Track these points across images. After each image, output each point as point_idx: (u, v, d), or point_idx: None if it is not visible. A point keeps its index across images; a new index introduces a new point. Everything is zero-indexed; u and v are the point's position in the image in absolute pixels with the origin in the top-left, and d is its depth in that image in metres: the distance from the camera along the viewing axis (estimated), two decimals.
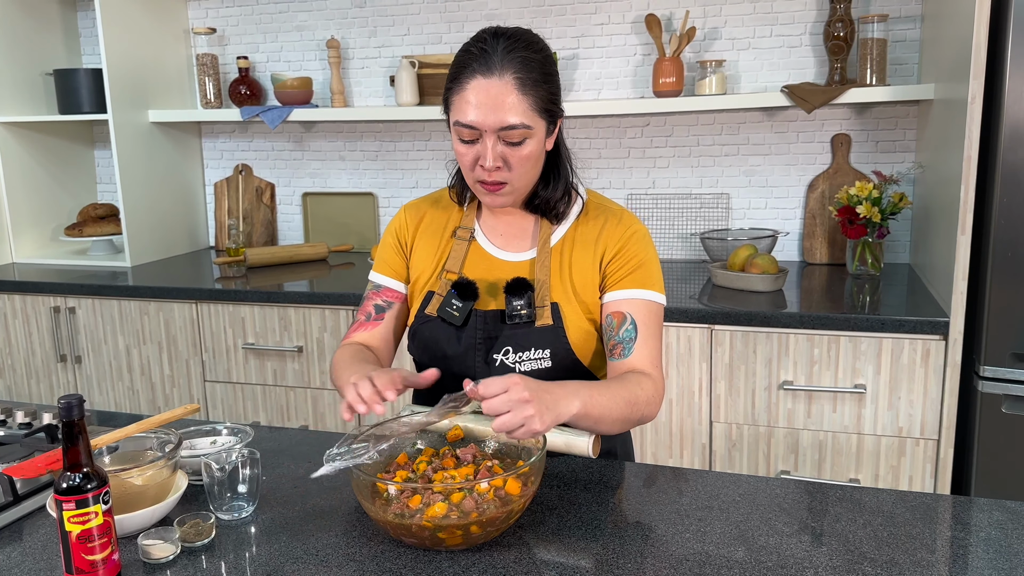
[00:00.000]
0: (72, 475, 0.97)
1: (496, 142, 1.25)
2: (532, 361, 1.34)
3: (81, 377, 2.84)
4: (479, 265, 1.41)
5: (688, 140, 2.82)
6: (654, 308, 1.37)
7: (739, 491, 1.21)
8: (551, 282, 1.37)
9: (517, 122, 1.23)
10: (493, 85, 1.22)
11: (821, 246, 2.73)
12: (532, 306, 1.34)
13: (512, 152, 1.26)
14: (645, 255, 1.38)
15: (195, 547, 1.09)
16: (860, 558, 1.02)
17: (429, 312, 1.39)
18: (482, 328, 1.36)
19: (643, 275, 1.37)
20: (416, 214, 1.47)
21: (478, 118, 1.23)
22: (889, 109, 2.64)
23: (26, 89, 3.12)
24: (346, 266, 2.92)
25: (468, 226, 1.42)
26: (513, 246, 1.41)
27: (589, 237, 1.39)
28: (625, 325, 1.34)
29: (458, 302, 1.36)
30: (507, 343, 1.34)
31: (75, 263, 3.06)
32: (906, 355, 2.09)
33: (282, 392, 2.63)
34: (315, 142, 3.21)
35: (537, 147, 1.28)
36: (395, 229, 1.48)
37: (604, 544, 1.07)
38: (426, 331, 1.40)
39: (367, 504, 1.06)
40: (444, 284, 1.39)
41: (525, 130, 1.24)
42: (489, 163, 1.25)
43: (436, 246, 1.44)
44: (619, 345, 1.34)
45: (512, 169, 1.27)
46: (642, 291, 1.36)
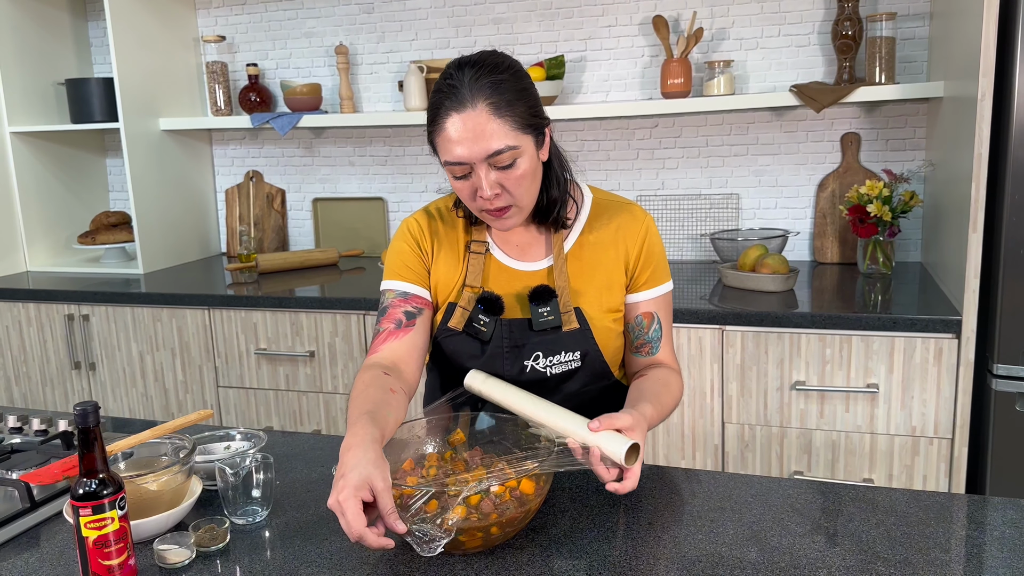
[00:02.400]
0: (88, 481, 0.97)
1: (488, 170, 1.24)
2: (563, 364, 1.38)
3: (95, 384, 2.86)
4: (499, 277, 1.42)
5: (697, 141, 2.82)
6: (670, 297, 1.46)
7: (751, 492, 1.21)
8: (571, 286, 1.39)
9: (502, 146, 1.23)
10: (469, 117, 1.22)
11: (832, 245, 2.72)
12: (558, 312, 1.36)
13: (507, 176, 1.26)
14: (660, 247, 1.44)
15: (210, 552, 1.10)
16: (873, 558, 1.02)
17: (453, 326, 1.39)
18: (508, 337, 1.38)
19: (661, 269, 1.43)
20: (430, 225, 1.45)
21: (463, 152, 1.23)
22: (898, 107, 2.63)
23: (38, 99, 3.15)
24: (357, 271, 2.93)
25: (482, 239, 1.42)
26: (529, 256, 1.42)
27: (606, 237, 1.41)
28: (654, 325, 1.42)
29: (485, 317, 1.37)
30: (536, 349, 1.37)
31: (88, 271, 3.08)
32: (919, 354, 2.08)
33: (294, 397, 2.64)
34: (325, 148, 3.23)
35: (530, 164, 1.28)
36: (413, 236, 1.44)
37: (616, 546, 1.07)
38: (450, 344, 1.41)
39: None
40: (469, 299, 1.40)
41: (512, 151, 1.24)
42: (487, 192, 1.25)
43: (454, 258, 1.43)
44: (647, 344, 1.43)
45: (512, 191, 1.27)
46: (663, 286, 1.44)
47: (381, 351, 1.36)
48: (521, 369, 1.38)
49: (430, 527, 1.00)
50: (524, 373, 1.38)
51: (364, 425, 1.12)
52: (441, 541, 0.99)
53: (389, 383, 1.27)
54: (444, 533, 0.99)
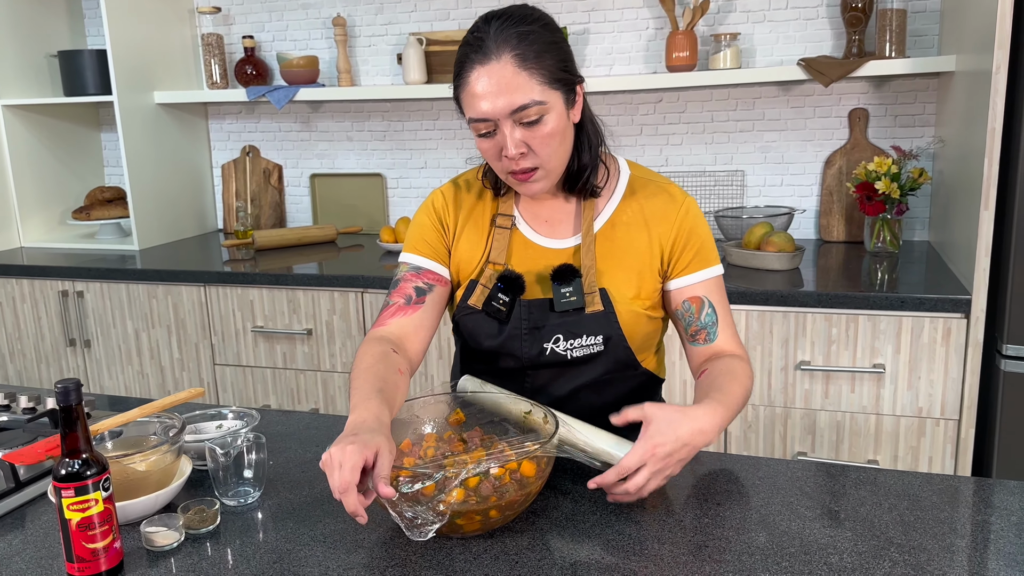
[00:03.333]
0: (71, 461, 0.94)
1: (513, 127, 1.17)
2: (584, 348, 1.31)
3: (91, 361, 2.82)
4: (523, 254, 1.34)
5: (702, 116, 2.76)
6: (721, 282, 1.35)
7: (759, 474, 1.18)
8: (598, 267, 1.31)
9: (527, 101, 1.15)
10: (493, 70, 1.15)
11: (838, 223, 2.67)
12: (581, 293, 1.29)
13: (532, 133, 1.18)
14: (703, 230, 1.34)
15: (199, 534, 1.06)
16: (886, 543, 0.99)
17: (473, 304, 1.33)
18: (527, 318, 1.31)
19: (706, 252, 1.33)
20: (456, 198, 1.39)
21: (487, 108, 1.16)
22: (908, 82, 2.58)
23: (31, 71, 3.09)
24: (355, 248, 2.88)
25: (508, 213, 1.35)
26: (557, 232, 1.35)
27: (640, 217, 1.33)
28: (705, 310, 1.32)
29: (504, 296, 1.31)
30: (557, 331, 1.30)
31: (83, 247, 3.04)
32: (926, 334, 2.04)
33: (292, 375, 2.61)
34: (322, 122, 3.17)
35: (559, 122, 1.20)
36: (436, 211, 1.38)
37: (619, 529, 1.04)
38: (468, 323, 1.35)
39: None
40: (490, 276, 1.32)
41: (539, 107, 1.16)
42: (511, 151, 1.18)
43: (478, 234, 1.36)
44: (702, 331, 1.32)
45: (538, 151, 1.20)
46: (709, 269, 1.33)
47: (388, 325, 1.31)
48: (540, 351, 1.31)
49: (423, 510, 0.96)
50: (543, 355, 1.31)
51: (378, 404, 1.09)
52: (433, 525, 0.95)
53: (397, 363, 1.23)
54: (437, 517, 0.96)
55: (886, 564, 0.95)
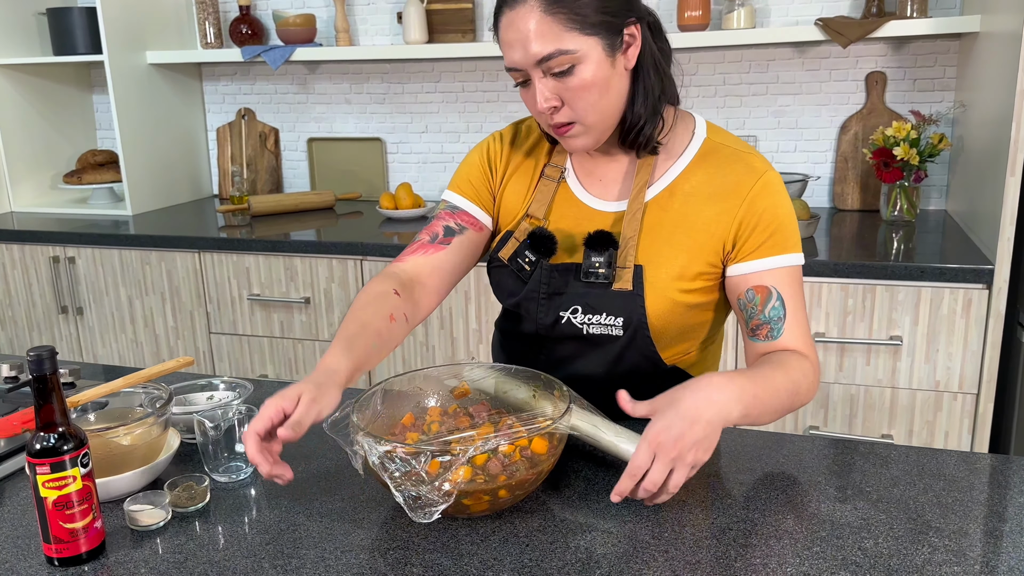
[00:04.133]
0: (46, 436, 0.87)
1: (544, 78, 1.07)
2: (602, 327, 1.17)
3: (83, 329, 2.75)
4: (565, 212, 1.23)
5: (714, 79, 2.66)
6: (797, 274, 1.15)
7: (783, 452, 1.11)
8: (640, 240, 1.16)
9: (552, 50, 1.04)
10: (518, 15, 1.05)
11: (853, 191, 2.59)
12: (612, 265, 1.15)
13: (564, 85, 1.07)
14: (783, 210, 1.15)
15: (188, 512, 1.00)
16: (924, 527, 0.92)
17: (502, 256, 1.24)
18: (546, 282, 1.20)
19: (784, 236, 1.14)
20: (512, 142, 1.29)
21: (517, 57, 1.06)
22: (928, 44, 2.48)
23: (19, 30, 2.98)
24: (354, 215, 2.80)
25: (559, 164, 1.24)
26: (607, 192, 1.21)
27: (707, 187, 1.16)
28: (771, 302, 1.13)
29: (531, 255, 1.20)
30: (577, 301, 1.18)
31: (75, 212, 2.96)
32: (946, 305, 1.97)
33: (289, 345, 2.54)
34: (320, 84, 3.07)
35: (597, 72, 1.06)
36: (488, 152, 1.29)
37: (636, 510, 0.97)
38: (494, 275, 1.27)
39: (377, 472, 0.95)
40: (524, 230, 1.22)
41: (567, 56, 1.04)
42: (541, 104, 1.07)
43: (526, 183, 1.26)
44: (765, 325, 1.14)
45: (571, 105, 1.08)
46: (784, 256, 1.14)
47: (405, 262, 1.24)
48: (556, 320, 1.20)
49: (428, 490, 0.89)
50: (559, 324, 1.20)
51: (339, 353, 1.05)
52: (438, 506, 0.88)
53: (391, 307, 1.15)
54: (443, 497, 0.89)
55: (925, 549, 0.88)
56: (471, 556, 0.89)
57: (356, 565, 0.88)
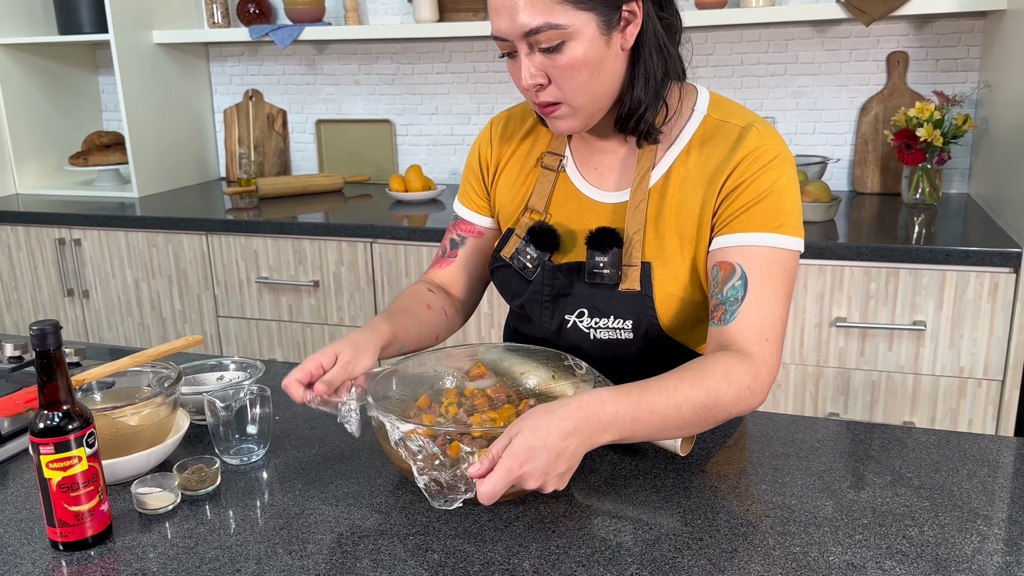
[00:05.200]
0: (50, 414, 0.83)
1: (530, 52, 0.97)
2: (610, 331, 1.08)
3: (89, 312, 2.71)
4: (566, 204, 1.14)
5: (731, 59, 2.61)
6: (780, 259, 0.99)
7: (817, 437, 1.06)
8: (647, 234, 1.07)
9: (541, 23, 0.94)
10: None
11: (873, 174, 2.53)
12: (618, 265, 1.07)
13: (552, 62, 0.97)
14: (774, 183, 1.00)
15: (198, 495, 0.96)
16: (971, 515, 0.88)
17: (503, 255, 1.16)
18: (550, 283, 1.12)
19: (767, 210, 1.00)
20: (504, 130, 1.21)
21: (500, 25, 0.97)
22: (952, 23, 2.41)
23: (23, 8, 2.93)
24: (363, 198, 2.75)
25: (558, 152, 1.15)
26: (606, 182, 1.12)
27: (706, 166, 1.05)
28: (732, 280, 0.99)
29: (532, 251, 1.12)
30: (582, 304, 1.10)
31: (81, 194, 2.92)
32: (972, 289, 1.91)
33: (298, 328, 2.50)
34: (328, 65, 3.02)
35: (588, 51, 0.96)
36: (479, 148, 1.23)
37: (666, 496, 0.93)
38: (498, 276, 1.19)
39: (397, 455, 0.91)
40: (525, 225, 1.14)
41: (556, 31, 0.94)
42: (525, 80, 0.98)
43: (522, 173, 1.18)
44: (720, 307, 1.00)
45: (558, 84, 0.98)
46: (762, 235, 0.99)
47: (430, 276, 1.28)
48: (560, 324, 1.12)
49: (449, 476, 0.85)
50: (564, 329, 1.12)
51: (379, 320, 1.08)
52: (462, 495, 0.84)
53: (427, 299, 1.20)
54: (466, 485, 0.84)
55: (974, 539, 0.84)
56: (495, 542, 0.85)
57: (374, 551, 0.84)
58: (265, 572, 0.82)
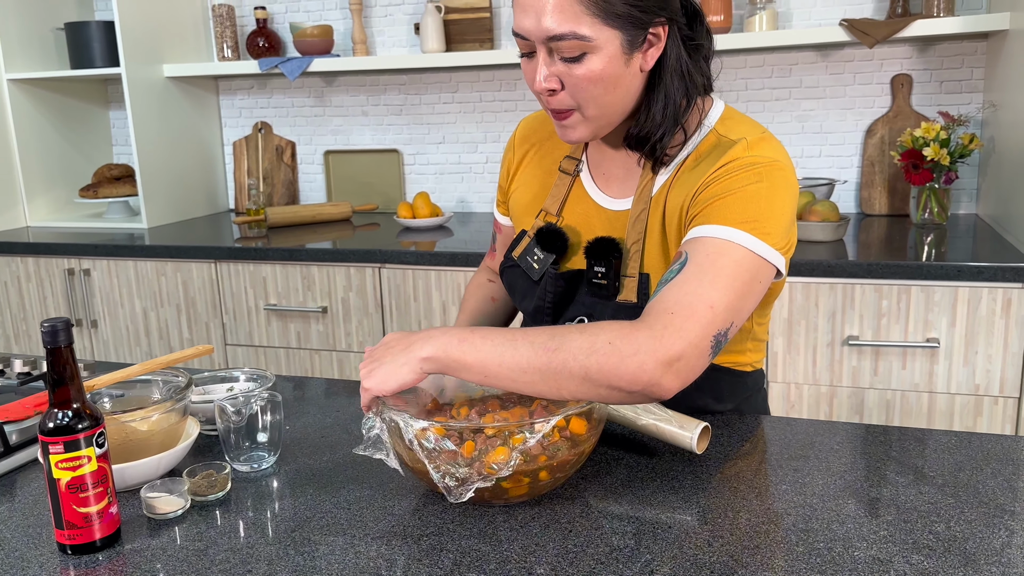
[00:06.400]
0: (59, 413, 0.82)
1: (548, 56, 0.97)
2: None
3: (98, 342, 2.71)
4: (577, 209, 1.14)
5: (736, 84, 2.63)
6: (732, 251, 0.94)
7: (836, 439, 1.05)
8: (650, 245, 1.06)
9: (566, 31, 0.94)
10: None
11: (880, 196, 2.53)
12: (615, 276, 1.06)
13: (569, 70, 0.97)
14: (747, 184, 0.97)
15: (208, 501, 0.94)
16: (998, 511, 0.85)
17: (514, 255, 1.17)
18: (552, 290, 1.12)
19: (733, 206, 0.96)
20: (528, 131, 1.23)
21: (524, 24, 0.96)
22: (954, 46, 2.43)
23: (37, 45, 2.98)
24: (371, 226, 2.76)
25: (576, 156, 1.16)
26: (616, 189, 1.12)
27: (696, 174, 1.03)
28: (673, 265, 0.96)
29: (539, 252, 1.12)
30: (582, 311, 1.10)
31: (90, 226, 2.93)
32: (984, 305, 1.90)
33: (306, 355, 2.49)
34: (336, 97, 3.05)
35: (608, 66, 0.96)
36: (506, 150, 1.27)
37: (685, 497, 0.91)
38: (509, 276, 1.19)
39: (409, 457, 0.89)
40: (536, 227, 1.15)
41: (579, 42, 0.94)
42: (539, 83, 0.98)
43: (541, 175, 1.19)
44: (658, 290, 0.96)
45: (572, 93, 0.99)
46: (722, 227, 0.95)
47: (486, 264, 1.41)
48: None
49: (465, 472, 0.84)
50: None
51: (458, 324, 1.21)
52: (472, 484, 0.83)
53: (490, 292, 1.34)
54: (481, 477, 0.83)
55: (1002, 533, 0.81)
56: (511, 542, 0.83)
57: (387, 552, 0.83)
58: (276, 573, 0.80)
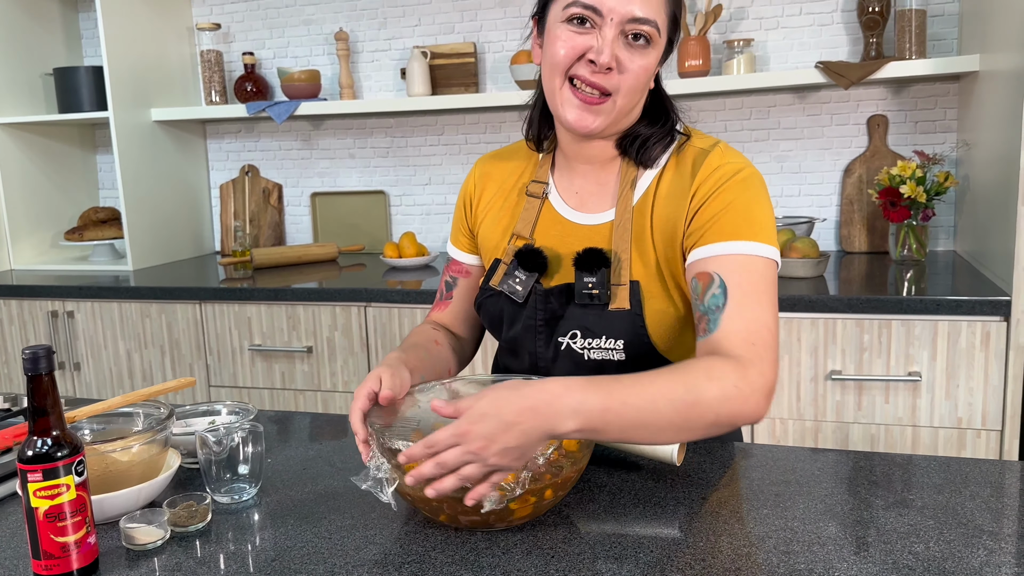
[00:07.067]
0: (39, 440, 0.81)
1: (619, 36, 1.00)
2: (603, 351, 1.09)
3: (80, 384, 2.69)
4: (550, 230, 1.16)
5: (715, 126, 2.68)
6: (756, 265, 0.99)
7: (817, 465, 1.05)
8: (633, 253, 1.09)
9: (653, 17, 0.99)
10: None
11: (860, 234, 2.57)
12: (607, 285, 1.08)
13: (629, 57, 1.00)
14: (742, 196, 1.03)
15: (188, 532, 0.93)
16: (976, 531, 0.86)
17: (493, 284, 1.17)
18: (543, 307, 1.13)
19: (737, 219, 1.01)
20: (485, 167, 1.25)
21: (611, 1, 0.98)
22: (928, 87, 2.50)
23: (26, 90, 3.01)
24: (357, 267, 2.77)
25: (542, 180, 1.17)
26: (589, 205, 1.14)
27: (679, 186, 1.08)
28: (711, 289, 0.99)
29: (521, 274, 1.13)
30: (574, 325, 1.10)
31: (75, 268, 2.93)
32: (964, 339, 1.92)
33: (291, 396, 2.48)
34: (323, 140, 3.09)
35: (653, 64, 1.03)
36: (465, 189, 1.27)
37: (667, 521, 0.91)
38: (489, 306, 1.19)
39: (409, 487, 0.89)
40: (510, 252, 1.16)
41: (653, 30, 0.99)
42: (605, 57, 0.98)
43: (505, 205, 1.21)
44: (704, 318, 0.99)
45: (621, 80, 1.01)
46: (736, 243, 1.00)
47: (432, 318, 1.32)
48: (556, 348, 1.12)
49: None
50: (559, 352, 1.12)
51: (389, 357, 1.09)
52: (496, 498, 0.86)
53: (435, 336, 1.23)
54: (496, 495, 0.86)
55: (981, 553, 0.82)
56: (493, 568, 0.83)
57: None
58: None
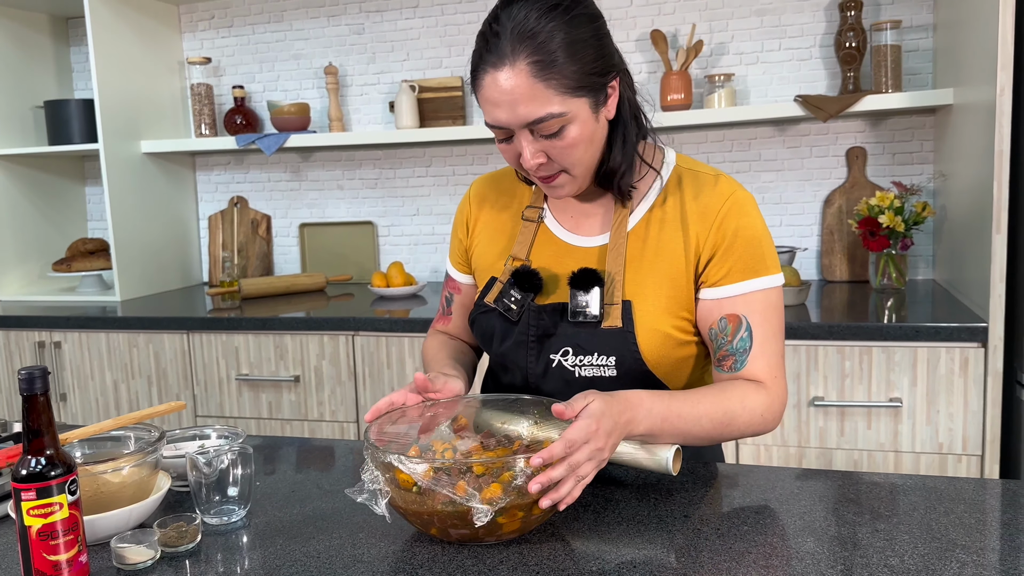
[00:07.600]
0: (33, 460, 0.83)
1: (531, 138, 1.06)
2: (595, 368, 1.14)
3: (66, 415, 2.68)
4: (545, 251, 1.22)
5: (698, 158, 2.73)
6: (772, 298, 1.12)
7: (796, 484, 1.07)
8: (627, 274, 1.15)
9: (543, 114, 1.03)
10: (507, 77, 1.02)
11: (840, 263, 2.62)
12: (601, 303, 1.13)
13: (552, 144, 1.06)
14: (755, 231, 1.12)
15: (178, 552, 0.94)
16: (950, 545, 0.88)
17: (487, 301, 1.22)
18: (535, 324, 1.17)
19: (755, 258, 1.11)
20: (482, 190, 1.31)
21: (503, 117, 1.05)
22: (905, 120, 2.56)
23: (16, 123, 3.04)
24: (345, 297, 2.79)
25: (538, 205, 1.24)
26: (585, 228, 1.21)
27: (678, 213, 1.15)
28: (740, 333, 1.11)
29: (517, 293, 1.18)
30: (566, 343, 1.15)
31: (63, 299, 2.93)
32: (943, 365, 1.96)
33: (278, 425, 2.48)
34: (312, 172, 3.12)
35: (583, 130, 1.06)
36: (461, 208, 1.34)
37: (650, 539, 0.93)
38: (483, 322, 1.23)
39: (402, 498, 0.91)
40: (507, 271, 1.21)
41: (558, 119, 1.04)
42: (529, 161, 1.07)
43: (502, 226, 1.27)
44: (730, 357, 1.12)
45: (559, 161, 1.08)
46: (758, 280, 1.11)
47: (436, 327, 1.41)
48: (547, 364, 1.16)
49: (469, 500, 0.87)
50: (550, 368, 1.16)
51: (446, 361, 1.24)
52: (485, 508, 0.87)
53: (453, 344, 1.34)
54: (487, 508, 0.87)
55: (954, 565, 0.84)
56: None
57: None
58: None
